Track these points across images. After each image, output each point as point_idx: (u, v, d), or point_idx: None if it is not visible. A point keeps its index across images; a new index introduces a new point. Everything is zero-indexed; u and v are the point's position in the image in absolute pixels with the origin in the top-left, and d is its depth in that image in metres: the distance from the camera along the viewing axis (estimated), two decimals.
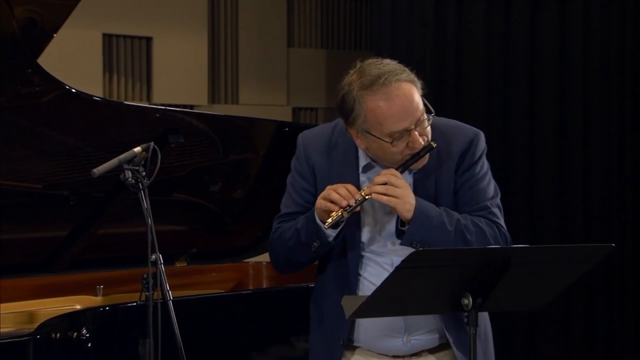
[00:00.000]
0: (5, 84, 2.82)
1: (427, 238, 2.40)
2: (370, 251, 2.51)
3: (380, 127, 2.38)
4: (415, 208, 2.39)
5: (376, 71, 2.39)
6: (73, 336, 2.72)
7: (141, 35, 5.91)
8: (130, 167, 2.50)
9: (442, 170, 2.49)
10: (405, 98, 2.38)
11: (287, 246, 2.52)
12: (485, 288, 2.25)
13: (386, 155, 2.44)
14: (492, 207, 2.50)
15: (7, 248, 3.28)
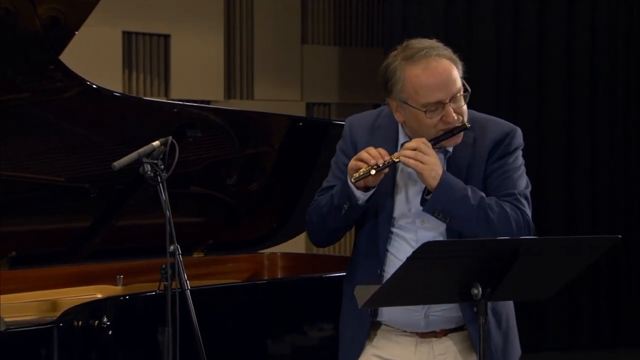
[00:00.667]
0: (29, 80, 2.83)
1: (448, 208, 2.42)
2: (399, 227, 2.53)
3: (416, 96, 2.44)
4: (441, 178, 2.42)
5: (419, 45, 2.48)
6: (94, 324, 2.72)
7: (159, 32, 5.92)
8: (149, 161, 2.51)
9: (475, 157, 2.51)
10: (443, 71, 2.44)
11: (321, 213, 2.55)
12: (494, 278, 2.25)
13: (421, 127, 2.47)
14: (520, 195, 2.51)
15: (31, 239, 3.30)
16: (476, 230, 2.44)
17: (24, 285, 3.27)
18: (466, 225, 2.45)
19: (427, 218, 2.49)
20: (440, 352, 2.52)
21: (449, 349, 2.52)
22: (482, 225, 2.42)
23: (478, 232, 2.44)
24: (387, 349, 2.54)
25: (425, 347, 2.52)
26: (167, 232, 2.45)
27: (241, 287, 3.53)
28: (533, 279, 2.33)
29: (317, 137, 3.68)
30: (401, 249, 2.50)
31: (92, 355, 2.74)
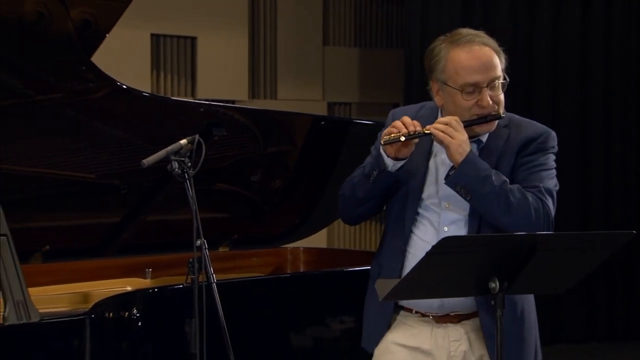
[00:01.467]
0: (62, 81, 2.85)
1: (470, 185, 2.43)
2: (426, 208, 2.53)
3: (456, 76, 2.47)
4: (467, 155, 2.43)
5: (466, 32, 2.52)
6: (125, 315, 2.73)
7: (186, 35, 5.94)
8: (177, 158, 2.51)
9: (507, 151, 2.52)
10: (483, 56, 2.48)
11: (352, 183, 2.57)
12: (511, 272, 2.24)
13: (457, 109, 2.49)
14: (544, 189, 2.50)
15: (64, 233, 3.32)
16: (496, 211, 2.43)
17: (57, 278, 3.29)
18: (486, 204, 2.44)
19: (452, 201, 2.50)
20: (455, 338, 2.52)
21: (463, 336, 2.52)
22: (502, 207, 2.42)
23: (498, 214, 2.44)
24: (404, 335, 2.55)
25: (441, 332, 2.52)
26: (194, 227, 2.45)
27: (265, 281, 3.54)
28: (549, 273, 2.32)
29: (338, 135, 3.69)
30: (424, 230, 2.52)
31: (123, 345, 2.75)
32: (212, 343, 2.46)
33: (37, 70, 2.80)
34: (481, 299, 2.46)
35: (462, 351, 2.51)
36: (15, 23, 2.58)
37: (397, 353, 2.53)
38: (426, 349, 2.52)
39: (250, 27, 6.22)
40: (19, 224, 2.69)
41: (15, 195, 2.99)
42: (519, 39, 6.21)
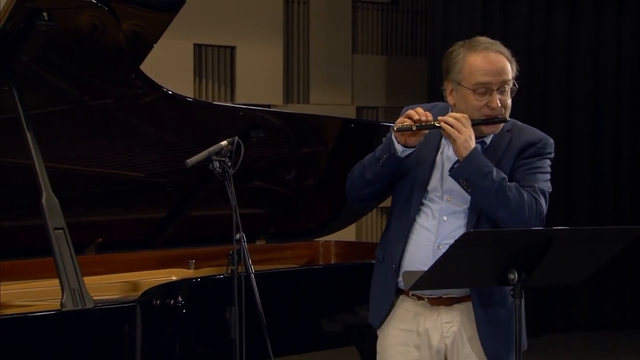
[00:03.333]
0: (113, 87, 2.86)
1: (472, 178, 2.44)
2: (429, 199, 2.54)
3: (470, 76, 2.49)
4: (472, 150, 2.44)
5: (483, 40, 2.55)
6: (170, 303, 2.74)
7: (226, 44, 5.95)
8: (218, 159, 2.52)
9: (507, 153, 2.53)
10: (497, 61, 2.51)
11: (362, 165, 2.59)
12: (529, 265, 2.22)
13: (468, 109, 2.50)
14: (539, 190, 2.50)
15: (116, 227, 3.35)
16: (493, 204, 2.44)
17: (109, 268, 3.32)
18: (485, 198, 2.45)
19: (454, 195, 2.51)
20: (447, 320, 2.54)
21: (455, 318, 2.53)
22: (499, 201, 2.43)
23: (495, 208, 2.45)
24: (404, 320, 2.57)
25: (434, 314, 2.54)
26: (233, 222, 2.46)
27: (299, 272, 3.54)
28: (565, 265, 2.30)
29: (366, 137, 3.66)
30: (425, 218, 2.54)
31: (169, 330, 2.76)
32: (250, 328, 2.47)
33: (91, 78, 2.81)
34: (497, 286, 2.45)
35: (454, 332, 2.53)
36: (71, 35, 2.60)
37: (396, 337, 2.57)
38: (421, 330, 2.55)
39: (284, 37, 6.22)
40: (74, 219, 2.71)
41: (72, 192, 3.01)
42: (533, 47, 6.18)
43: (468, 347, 2.52)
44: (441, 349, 2.55)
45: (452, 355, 2.54)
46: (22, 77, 2.60)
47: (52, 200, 2.57)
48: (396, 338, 2.57)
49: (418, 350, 2.56)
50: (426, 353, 2.55)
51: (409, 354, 2.56)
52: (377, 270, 2.65)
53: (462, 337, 2.53)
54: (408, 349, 2.56)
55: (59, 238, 2.53)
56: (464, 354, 2.53)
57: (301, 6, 6.32)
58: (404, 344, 2.56)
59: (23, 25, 2.49)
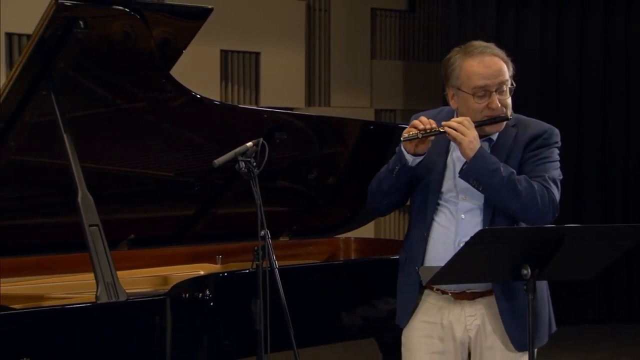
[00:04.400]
0: (145, 91, 2.87)
1: (481, 177, 2.43)
2: (445, 199, 2.54)
3: (468, 81, 2.47)
4: (478, 150, 2.43)
5: (478, 44, 2.53)
6: (199, 296, 2.75)
7: (251, 50, 5.96)
8: (244, 159, 2.53)
9: (515, 147, 2.51)
10: (493, 64, 2.48)
11: (379, 178, 2.60)
12: (542, 260, 2.21)
13: (469, 112, 2.49)
14: (549, 178, 2.48)
15: (147, 224, 3.35)
16: (506, 199, 2.43)
17: (141, 263, 3.33)
18: (497, 194, 2.44)
19: (468, 194, 2.50)
20: (471, 313, 2.53)
21: (478, 312, 2.53)
22: (510, 195, 2.41)
23: (508, 202, 2.43)
24: (428, 313, 2.57)
25: (458, 308, 2.54)
26: (258, 219, 2.46)
27: (321, 267, 3.54)
28: (576, 261, 2.29)
29: (385, 138, 3.66)
30: (443, 217, 2.53)
31: (197, 321, 2.77)
32: (274, 320, 2.47)
33: (124, 83, 2.82)
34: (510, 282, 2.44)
35: (477, 325, 2.53)
36: (105, 42, 2.60)
37: (421, 329, 2.57)
38: (445, 323, 2.54)
39: (306, 44, 6.22)
40: (108, 216, 2.72)
41: (106, 191, 3.01)
42: (545, 51, 6.15)
43: (491, 339, 2.52)
44: (465, 340, 2.54)
45: (475, 346, 2.54)
46: (59, 82, 2.62)
47: (87, 199, 2.58)
48: (421, 330, 2.57)
49: (442, 342, 2.55)
50: (450, 345, 2.55)
51: (433, 345, 2.56)
52: (401, 272, 2.65)
53: (485, 329, 2.52)
54: (432, 341, 2.56)
55: (94, 234, 2.54)
56: (487, 345, 2.53)
57: (322, 14, 6.32)
58: (429, 336, 2.56)
59: (60, 33, 2.50)
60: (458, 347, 2.55)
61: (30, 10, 3.41)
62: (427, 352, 2.56)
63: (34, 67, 2.56)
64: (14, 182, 2.91)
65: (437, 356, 2.56)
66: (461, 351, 2.55)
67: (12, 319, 2.37)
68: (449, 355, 2.56)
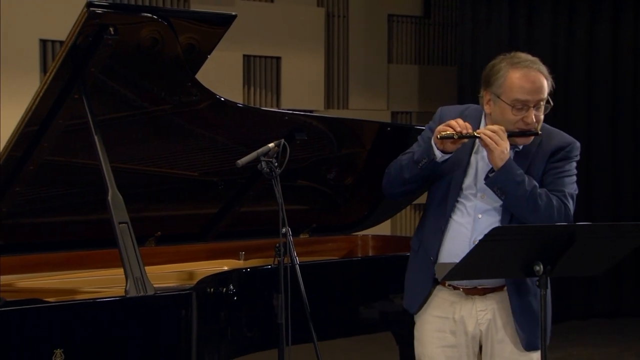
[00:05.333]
0: (171, 94, 2.87)
1: (506, 187, 2.42)
2: (464, 196, 2.53)
3: (510, 92, 2.45)
4: (506, 161, 2.42)
5: (525, 57, 2.50)
6: (223, 291, 2.76)
7: (272, 55, 5.97)
8: (266, 159, 2.52)
9: (538, 156, 2.51)
10: (537, 80, 2.46)
11: (400, 164, 2.58)
12: (553, 257, 2.20)
13: (503, 121, 2.47)
14: (567, 194, 2.49)
15: (173, 222, 3.37)
16: (524, 211, 2.42)
17: (167, 259, 3.35)
18: (517, 204, 2.43)
19: (487, 193, 2.49)
20: (482, 308, 2.52)
21: (489, 306, 2.52)
22: (530, 207, 2.41)
23: (526, 214, 2.43)
24: (440, 307, 2.56)
25: (469, 303, 2.53)
26: (280, 217, 2.46)
27: (339, 263, 3.53)
28: (587, 258, 2.27)
29: (401, 139, 3.64)
30: (461, 215, 2.52)
31: (221, 315, 2.77)
32: (295, 314, 2.47)
33: (151, 86, 2.83)
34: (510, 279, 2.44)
35: (488, 319, 2.52)
36: (134, 47, 2.61)
37: (433, 323, 2.57)
38: (457, 318, 2.54)
39: (325, 48, 6.22)
40: (137, 214, 2.73)
41: (134, 190, 3.03)
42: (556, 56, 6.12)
43: (501, 333, 2.51)
44: (476, 334, 2.54)
45: (486, 340, 2.53)
46: (90, 86, 2.63)
47: (117, 197, 2.59)
48: (433, 324, 2.57)
49: (454, 336, 2.55)
50: (462, 338, 2.54)
51: (445, 339, 2.55)
52: (413, 258, 2.64)
53: (496, 324, 2.52)
54: (444, 335, 2.55)
55: (123, 231, 2.54)
56: (497, 339, 2.52)
57: (341, 20, 6.32)
58: (440, 330, 2.56)
59: (92, 39, 2.51)
60: (469, 341, 2.54)
61: (63, 18, 3.43)
62: (438, 346, 2.56)
63: (66, 72, 2.58)
64: (48, 181, 2.93)
65: (449, 349, 2.55)
66: (472, 345, 2.55)
67: (47, 312, 2.38)
68: (460, 349, 2.55)
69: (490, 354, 2.54)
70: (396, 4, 6.58)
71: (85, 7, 2.43)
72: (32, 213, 2.99)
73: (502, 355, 2.53)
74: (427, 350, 2.58)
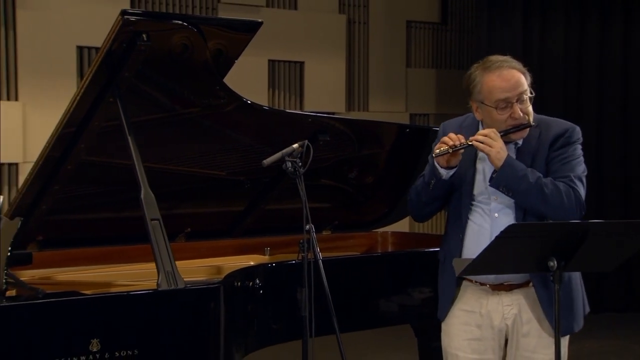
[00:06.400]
0: (200, 98, 2.87)
1: (510, 185, 2.39)
2: (478, 201, 2.52)
3: (490, 95, 2.43)
4: (505, 160, 2.39)
5: (495, 59, 2.48)
6: (249, 284, 2.76)
7: (296, 60, 5.98)
8: (290, 159, 2.52)
9: (540, 148, 2.47)
10: (511, 77, 2.43)
11: (417, 190, 2.58)
12: (567, 253, 2.18)
13: (494, 122, 2.46)
14: (574, 177, 2.44)
15: (201, 218, 3.37)
16: (534, 203, 2.40)
17: (196, 254, 3.35)
18: (525, 198, 2.41)
19: (499, 195, 2.47)
20: (508, 303, 2.50)
21: (515, 302, 2.50)
22: (538, 198, 2.38)
23: (536, 205, 2.40)
24: (468, 302, 2.55)
25: (495, 298, 2.51)
26: (303, 215, 2.45)
27: (360, 258, 3.52)
28: (599, 254, 2.25)
29: (419, 140, 3.64)
30: (478, 216, 2.51)
31: (248, 307, 2.78)
32: (318, 307, 2.47)
33: (181, 90, 2.83)
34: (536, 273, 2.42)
35: (514, 314, 2.50)
36: (165, 53, 2.62)
37: (460, 317, 2.55)
38: (484, 312, 2.52)
39: (347, 53, 6.22)
40: (167, 211, 2.73)
41: (165, 188, 3.04)
42: (568, 59, 6.09)
43: (527, 327, 2.50)
44: (502, 328, 2.52)
45: (512, 334, 2.52)
46: (124, 90, 2.64)
47: (149, 195, 2.60)
48: (460, 318, 2.56)
49: (480, 329, 2.53)
50: (488, 332, 2.53)
51: (471, 332, 2.54)
52: (440, 270, 2.64)
53: (522, 318, 2.50)
54: (470, 328, 2.54)
55: (155, 227, 2.55)
56: (523, 332, 2.50)
57: (361, 26, 6.32)
58: (467, 323, 2.54)
59: (126, 45, 2.53)
60: (496, 334, 2.52)
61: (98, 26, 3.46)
62: (465, 339, 2.55)
63: (102, 76, 2.59)
64: (84, 180, 2.95)
65: (475, 342, 2.54)
66: (499, 338, 2.53)
67: (84, 303, 2.40)
68: (486, 342, 2.54)
69: (515, 346, 2.53)
70: (414, 11, 6.56)
71: (120, 15, 2.44)
72: (70, 210, 3.02)
73: (527, 348, 2.51)
74: (454, 343, 2.57)
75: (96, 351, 2.33)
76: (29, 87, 5.13)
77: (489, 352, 2.53)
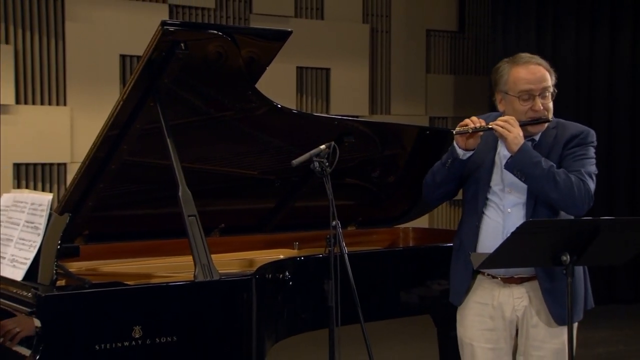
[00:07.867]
0: (233, 102, 2.88)
1: (525, 169, 2.38)
2: (493, 193, 2.50)
3: (515, 86, 2.43)
4: (522, 145, 2.38)
5: (524, 55, 2.49)
6: (279, 277, 2.77)
7: (322, 67, 5.99)
8: (318, 160, 2.52)
9: (555, 145, 2.47)
10: (537, 71, 2.44)
11: (433, 171, 2.59)
12: (579, 248, 2.16)
13: (515, 113, 2.45)
14: (585, 173, 2.43)
15: (235, 215, 3.38)
16: (546, 188, 2.37)
17: (230, 248, 3.35)
18: (538, 184, 2.38)
19: (514, 187, 2.46)
20: (518, 295, 2.49)
21: (524, 294, 2.49)
22: (550, 185, 2.36)
23: (547, 191, 2.37)
24: (480, 295, 2.54)
25: (506, 291, 2.50)
26: (330, 211, 2.45)
27: (383, 253, 3.52)
28: (610, 249, 2.22)
29: (438, 141, 3.61)
30: (492, 211, 2.50)
31: (278, 298, 2.78)
32: (343, 298, 2.46)
33: (216, 95, 2.84)
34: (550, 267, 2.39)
35: (524, 306, 2.49)
36: (201, 60, 2.63)
37: (474, 308, 2.55)
38: (496, 304, 2.51)
39: (370, 60, 6.21)
40: (203, 208, 2.73)
41: (201, 186, 3.03)
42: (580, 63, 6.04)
43: (535, 318, 2.49)
44: (513, 319, 2.51)
45: (522, 324, 2.51)
46: (164, 95, 2.66)
47: (186, 193, 2.62)
48: (473, 309, 2.55)
49: (492, 320, 2.53)
50: (500, 323, 2.52)
51: (484, 323, 2.54)
52: (455, 256, 2.63)
53: (531, 309, 2.49)
54: (484, 319, 2.54)
55: (192, 223, 2.57)
56: (532, 323, 2.50)
57: (384, 35, 6.31)
58: (480, 315, 2.54)
59: (165, 54, 2.54)
60: (507, 325, 2.51)
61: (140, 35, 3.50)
62: (479, 329, 2.54)
63: (143, 83, 2.61)
64: (126, 179, 2.98)
65: (488, 332, 2.53)
66: (510, 328, 2.52)
67: (127, 293, 2.42)
68: (498, 332, 2.53)
69: (525, 336, 2.53)
70: (434, 20, 6.53)
71: (160, 25, 2.46)
72: (114, 207, 3.04)
73: (536, 338, 2.50)
74: (468, 333, 2.57)
75: (138, 337, 2.35)
76: (76, 93, 5.21)
77: (501, 341, 2.53)
